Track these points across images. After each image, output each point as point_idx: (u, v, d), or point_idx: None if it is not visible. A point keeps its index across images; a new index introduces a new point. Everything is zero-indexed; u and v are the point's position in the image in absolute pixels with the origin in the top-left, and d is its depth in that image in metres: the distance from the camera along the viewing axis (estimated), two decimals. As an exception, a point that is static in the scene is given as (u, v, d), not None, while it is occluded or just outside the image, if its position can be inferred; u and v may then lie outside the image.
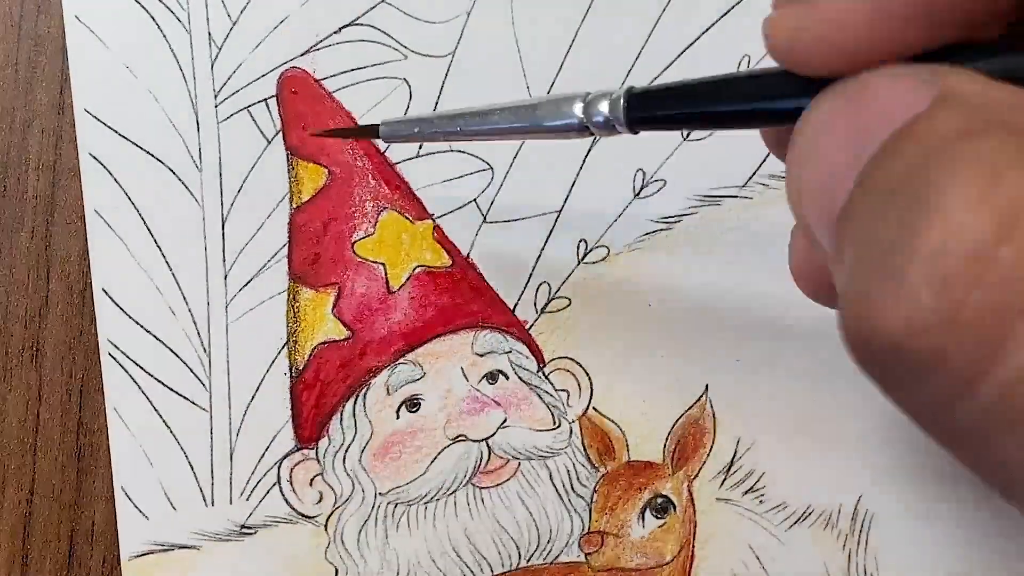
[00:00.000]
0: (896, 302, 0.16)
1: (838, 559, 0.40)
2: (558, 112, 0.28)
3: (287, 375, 0.39)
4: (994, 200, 0.15)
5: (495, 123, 0.30)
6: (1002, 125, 0.16)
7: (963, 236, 0.15)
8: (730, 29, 0.41)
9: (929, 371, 0.16)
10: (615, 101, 0.27)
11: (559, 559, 0.39)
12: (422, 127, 0.33)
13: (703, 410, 0.40)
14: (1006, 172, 0.15)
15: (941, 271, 0.15)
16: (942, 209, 0.15)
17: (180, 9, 0.39)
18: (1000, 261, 0.15)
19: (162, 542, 0.38)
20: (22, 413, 0.38)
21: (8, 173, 0.38)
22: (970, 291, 0.15)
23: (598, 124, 0.27)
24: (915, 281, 0.15)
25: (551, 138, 0.29)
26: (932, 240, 0.15)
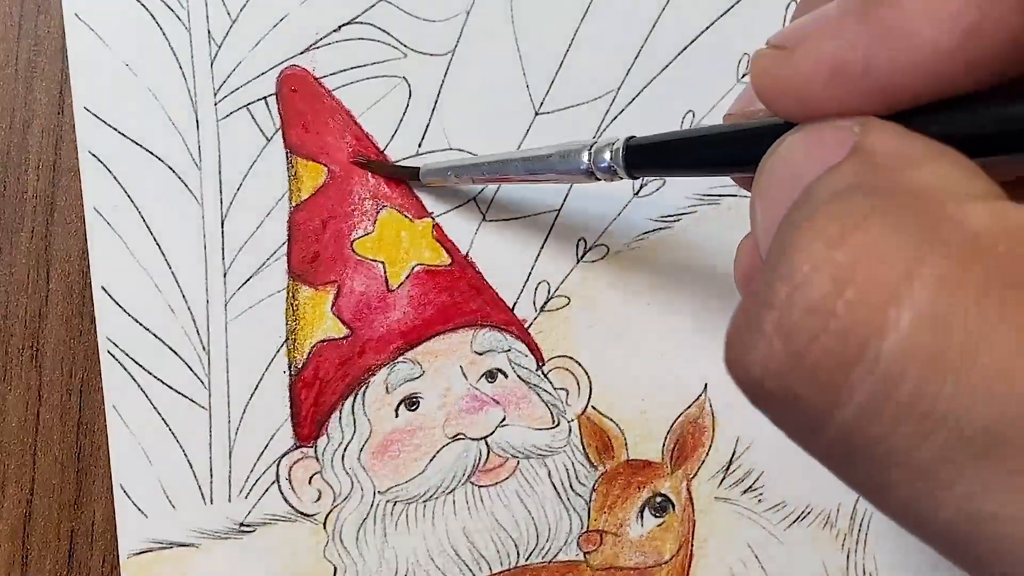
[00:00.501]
0: (755, 345, 0.18)
1: (837, 558, 0.40)
2: (567, 161, 0.33)
3: (286, 373, 0.39)
4: (832, 260, 0.17)
5: (513, 170, 0.35)
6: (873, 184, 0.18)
7: (805, 292, 0.17)
8: (730, 29, 0.40)
9: (786, 409, 0.18)
10: (615, 151, 0.31)
11: (558, 558, 0.39)
12: (455, 171, 0.37)
13: (702, 409, 0.40)
14: (851, 232, 0.17)
15: (787, 323, 0.17)
16: (791, 265, 0.17)
17: (180, 7, 0.39)
18: (836, 316, 0.17)
19: (161, 540, 0.38)
20: (22, 413, 0.38)
21: (8, 173, 0.38)
22: (811, 342, 0.17)
23: (602, 170, 0.31)
24: (768, 330, 0.18)
25: (561, 182, 0.34)
26: (780, 293, 0.17)
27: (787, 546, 0.40)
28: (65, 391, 0.38)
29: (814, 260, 0.17)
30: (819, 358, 0.17)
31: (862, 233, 0.17)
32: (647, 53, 0.40)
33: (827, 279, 0.17)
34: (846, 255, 0.17)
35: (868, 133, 0.19)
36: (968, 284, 0.16)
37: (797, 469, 0.40)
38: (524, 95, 0.40)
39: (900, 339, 0.16)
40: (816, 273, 0.17)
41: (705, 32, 0.40)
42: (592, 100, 0.40)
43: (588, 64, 0.40)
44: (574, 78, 0.40)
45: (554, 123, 0.40)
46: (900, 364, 0.16)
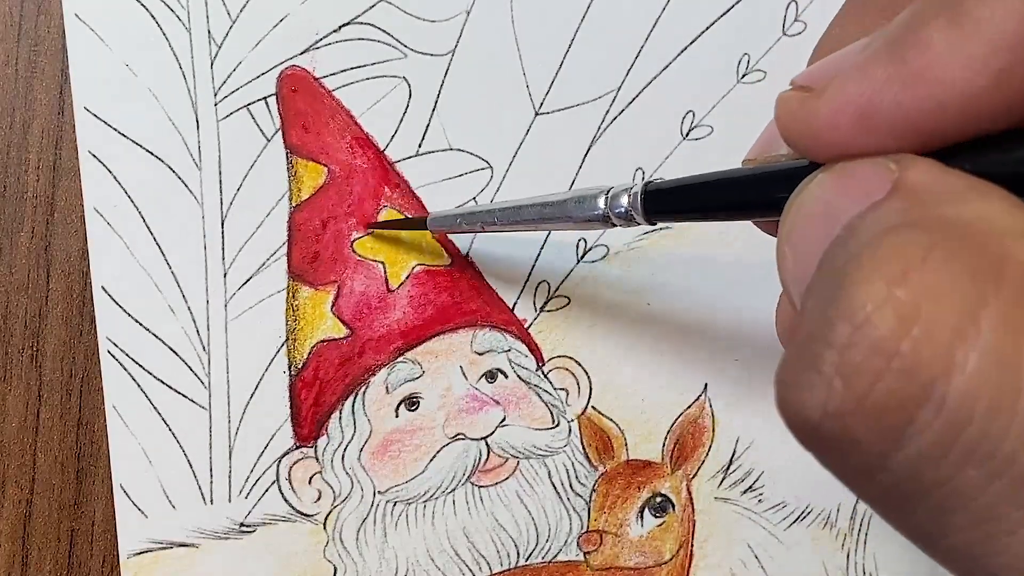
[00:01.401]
0: (813, 387, 0.17)
1: (837, 558, 0.40)
2: (583, 206, 0.31)
3: (286, 373, 0.39)
4: (896, 298, 0.17)
5: (527, 216, 0.34)
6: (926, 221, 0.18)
7: (867, 331, 0.17)
8: (730, 29, 0.40)
9: (844, 451, 0.18)
10: (634, 196, 0.30)
11: (558, 558, 0.39)
12: (465, 220, 0.36)
13: (702, 409, 0.40)
14: (913, 269, 0.17)
15: (849, 363, 0.17)
16: (852, 304, 0.17)
17: (180, 7, 0.39)
18: (901, 356, 0.16)
19: (161, 540, 0.38)
20: (22, 413, 0.38)
21: (8, 173, 0.38)
22: (874, 382, 0.17)
23: (619, 216, 0.30)
24: (828, 371, 0.17)
25: (576, 229, 0.33)
26: (841, 333, 0.17)
27: (787, 546, 0.40)
28: (65, 391, 0.38)
29: (877, 298, 0.17)
30: (882, 399, 0.17)
31: (924, 271, 0.17)
32: (647, 53, 0.40)
33: (891, 318, 0.17)
34: (910, 293, 0.16)
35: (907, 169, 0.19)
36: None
37: (797, 469, 0.40)
38: (524, 95, 0.40)
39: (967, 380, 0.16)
40: (879, 312, 0.17)
41: (705, 32, 0.40)
42: (592, 100, 0.40)
43: (588, 64, 0.40)
44: (574, 78, 0.40)
45: (554, 123, 0.40)
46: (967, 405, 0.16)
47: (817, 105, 0.21)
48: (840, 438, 0.17)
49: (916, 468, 0.17)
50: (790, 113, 0.21)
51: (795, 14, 0.41)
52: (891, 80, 0.19)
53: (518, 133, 0.40)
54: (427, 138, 0.40)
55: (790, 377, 0.18)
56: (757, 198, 0.25)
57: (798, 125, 0.21)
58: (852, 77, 0.20)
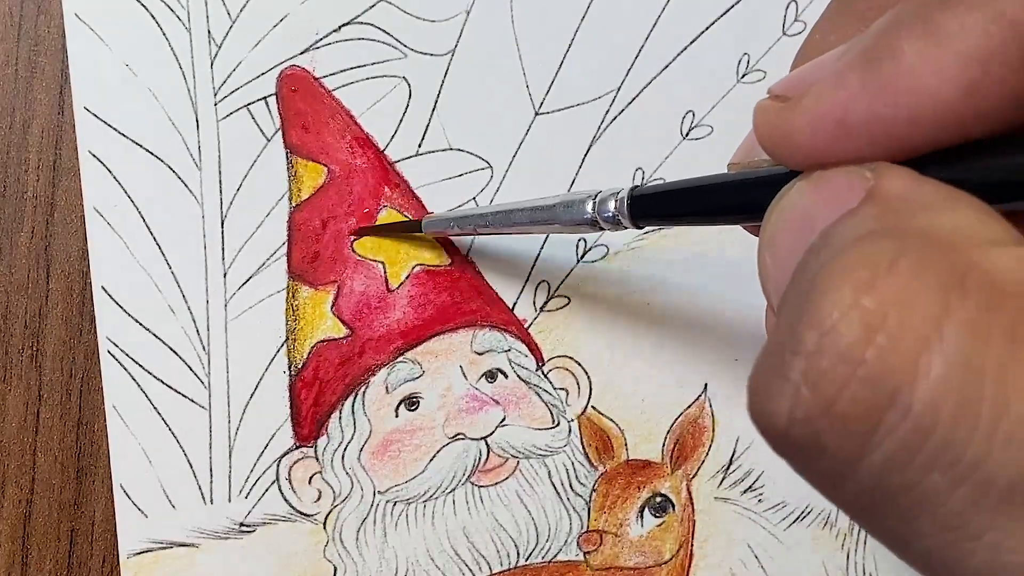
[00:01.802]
0: (781, 396, 0.18)
1: (837, 558, 0.40)
2: (571, 211, 0.32)
3: (286, 373, 0.39)
4: (862, 306, 0.17)
5: (517, 220, 0.34)
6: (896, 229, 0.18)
7: (834, 339, 0.17)
8: (730, 29, 0.40)
9: (812, 457, 0.18)
10: (620, 201, 0.30)
11: (557, 558, 0.39)
12: (457, 223, 0.37)
13: (702, 409, 0.40)
14: (880, 277, 0.17)
15: (816, 370, 0.17)
16: (819, 312, 0.17)
17: (180, 7, 0.39)
18: (866, 363, 0.17)
19: (161, 540, 0.38)
20: (22, 413, 0.38)
21: (8, 173, 0.38)
22: (841, 390, 0.17)
23: (607, 220, 0.31)
24: (795, 378, 0.17)
25: (565, 232, 0.33)
26: (808, 341, 0.17)
27: (787, 546, 0.40)
28: (65, 391, 0.38)
29: (843, 306, 0.17)
30: (848, 406, 0.17)
31: (891, 279, 0.17)
32: (647, 53, 0.40)
33: (857, 326, 0.17)
34: (876, 301, 0.17)
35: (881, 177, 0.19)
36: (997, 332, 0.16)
37: (797, 469, 0.40)
38: (524, 95, 0.40)
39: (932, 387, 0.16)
40: (845, 320, 0.17)
41: (705, 32, 0.40)
42: (592, 100, 0.40)
43: (588, 64, 0.40)
44: (574, 78, 0.40)
45: (554, 123, 0.40)
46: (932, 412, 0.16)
47: (793, 115, 0.21)
48: (808, 444, 0.18)
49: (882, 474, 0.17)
50: (768, 123, 0.22)
51: (795, 14, 0.41)
52: (865, 89, 0.19)
53: (518, 133, 0.40)
54: (427, 138, 0.40)
55: (759, 384, 0.18)
56: (739, 204, 0.25)
57: (775, 134, 0.21)
58: (828, 86, 0.20)
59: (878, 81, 0.19)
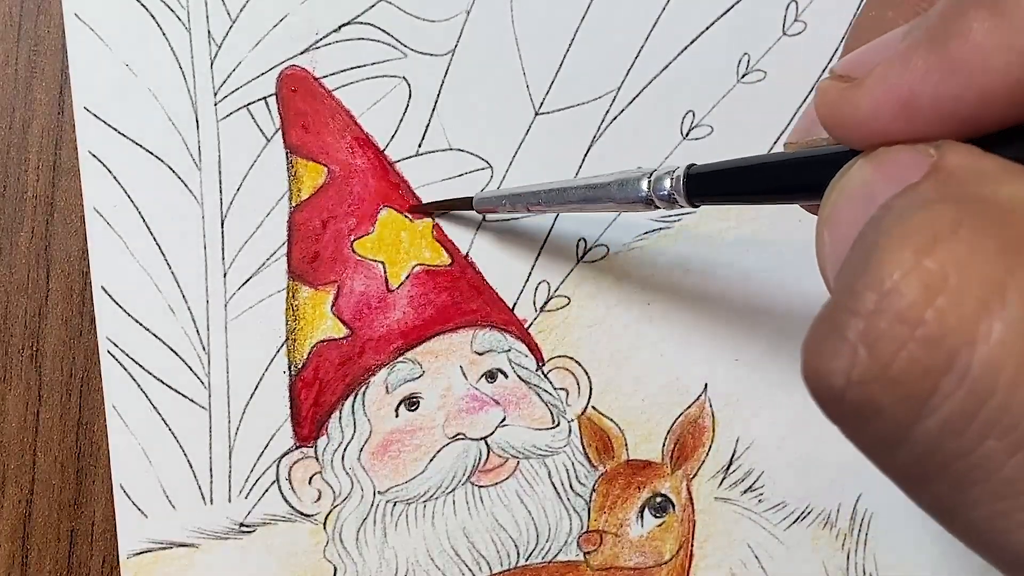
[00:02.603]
0: (838, 355, 0.17)
1: (837, 558, 0.40)
2: (626, 189, 0.32)
3: (286, 373, 0.39)
4: (923, 267, 0.17)
5: (570, 198, 0.34)
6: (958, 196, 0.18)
7: (893, 300, 0.17)
8: (730, 29, 0.40)
9: (867, 418, 0.18)
10: (676, 179, 0.30)
11: (557, 558, 0.39)
12: (509, 201, 0.37)
13: (702, 409, 0.40)
14: (939, 241, 0.17)
15: (874, 331, 0.17)
16: (879, 273, 0.17)
17: (180, 7, 0.39)
18: (925, 324, 0.16)
19: (161, 540, 0.38)
20: (22, 413, 0.38)
21: (8, 173, 0.38)
22: (899, 350, 0.17)
23: (662, 198, 0.31)
24: (853, 339, 0.17)
25: (619, 211, 0.33)
26: (867, 301, 0.17)
27: (787, 546, 0.40)
28: (65, 391, 0.38)
29: (904, 267, 0.17)
30: (906, 367, 0.17)
31: (952, 243, 0.17)
32: (647, 53, 0.40)
33: (918, 287, 0.17)
34: (937, 263, 0.17)
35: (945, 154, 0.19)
36: None
37: (797, 469, 0.40)
38: (524, 95, 0.40)
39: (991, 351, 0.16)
40: (906, 281, 0.17)
41: (705, 32, 0.40)
42: (592, 100, 0.40)
43: (588, 64, 0.40)
44: (574, 78, 0.40)
45: (554, 123, 0.40)
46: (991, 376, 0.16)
47: (857, 95, 0.21)
48: (863, 406, 0.17)
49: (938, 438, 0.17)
50: (830, 103, 0.21)
51: (795, 14, 0.41)
52: (931, 70, 0.19)
53: (518, 133, 0.40)
54: (427, 138, 0.40)
55: (816, 345, 0.18)
56: (798, 182, 0.25)
57: (838, 115, 0.21)
58: (893, 67, 0.20)
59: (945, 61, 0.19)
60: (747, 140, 0.40)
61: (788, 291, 0.40)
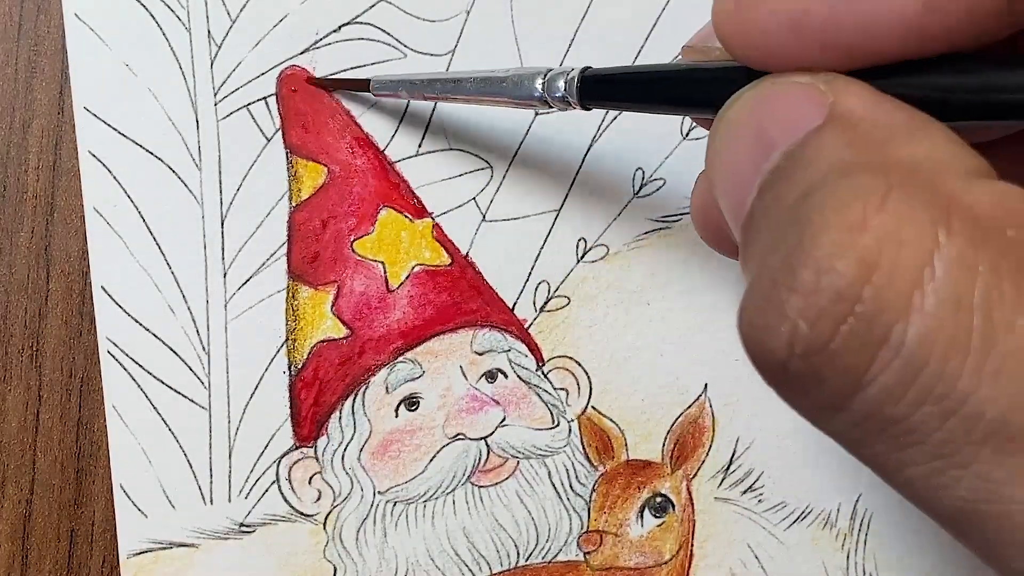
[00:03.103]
0: (779, 328, 0.18)
1: (837, 558, 0.40)
2: (521, 87, 0.32)
3: (286, 373, 0.39)
4: (859, 244, 0.17)
5: (466, 90, 0.34)
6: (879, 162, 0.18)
7: (832, 278, 0.17)
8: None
9: (808, 387, 0.18)
10: (570, 81, 0.30)
11: (557, 558, 0.39)
12: (406, 88, 0.37)
13: (702, 409, 0.40)
14: (873, 215, 0.17)
15: (814, 308, 0.17)
16: (816, 249, 0.17)
17: (180, 7, 0.39)
18: (863, 300, 0.17)
19: (161, 540, 0.38)
20: (22, 413, 0.38)
21: (8, 173, 0.38)
22: (838, 325, 0.17)
23: (556, 99, 0.31)
24: (793, 315, 0.18)
25: (513, 107, 0.33)
26: (806, 279, 0.18)
27: (787, 546, 0.40)
28: (65, 391, 0.38)
29: (839, 245, 0.17)
30: (846, 341, 0.17)
31: (883, 215, 0.17)
32: (647, 53, 0.40)
33: (854, 265, 0.17)
34: (870, 239, 0.17)
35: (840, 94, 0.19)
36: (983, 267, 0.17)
37: (797, 469, 0.40)
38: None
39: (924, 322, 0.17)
40: (842, 259, 0.17)
41: (705, 32, 0.40)
42: (592, 100, 0.40)
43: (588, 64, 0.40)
44: (574, 78, 0.40)
45: (554, 123, 0.40)
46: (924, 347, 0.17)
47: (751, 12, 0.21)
48: (805, 378, 0.18)
49: (876, 406, 0.17)
50: (725, 13, 0.22)
51: (795, 14, 0.41)
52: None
53: (518, 133, 0.40)
54: (427, 138, 0.40)
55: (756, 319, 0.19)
56: (690, 96, 0.25)
57: (732, 28, 0.22)
58: None
59: None
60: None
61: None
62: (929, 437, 0.17)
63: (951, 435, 0.17)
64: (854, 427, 0.18)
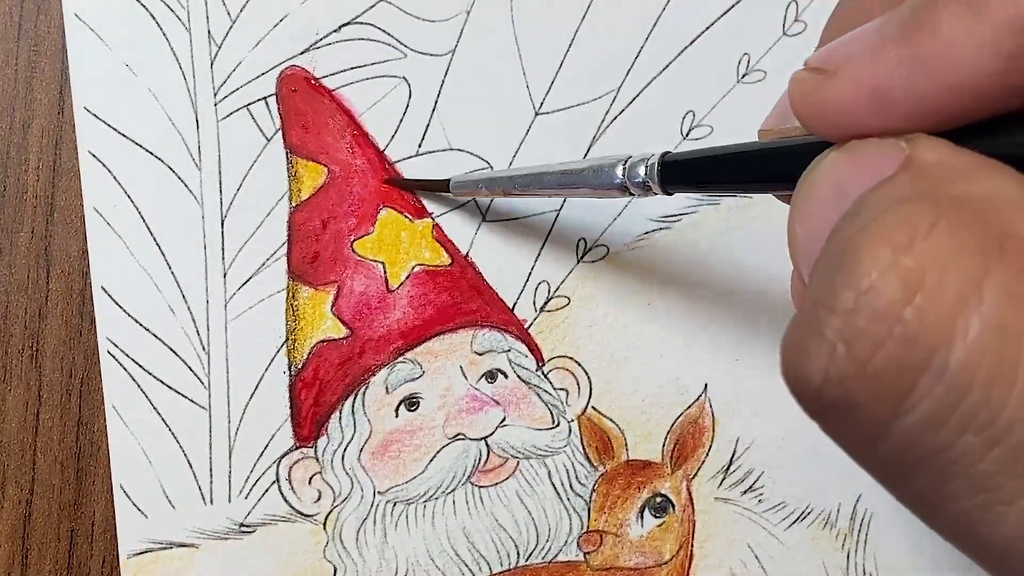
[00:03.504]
0: (816, 353, 0.18)
1: (837, 559, 0.40)
2: (601, 175, 0.32)
3: (286, 373, 0.39)
4: (902, 265, 0.17)
5: (546, 183, 0.35)
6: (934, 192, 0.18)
7: (872, 298, 0.17)
8: (730, 29, 0.40)
9: (844, 416, 0.18)
10: (650, 167, 0.30)
11: (558, 558, 0.39)
12: (486, 184, 0.37)
13: (702, 409, 0.40)
14: (917, 239, 0.17)
15: (852, 329, 0.17)
16: (856, 270, 0.17)
17: (180, 7, 0.39)
18: (904, 322, 0.16)
19: (161, 540, 0.38)
20: (22, 413, 0.38)
21: (8, 173, 0.38)
22: (877, 348, 0.17)
23: (637, 185, 0.31)
24: (831, 336, 0.17)
25: (594, 196, 0.33)
26: (846, 299, 0.17)
27: (787, 546, 0.40)
28: (65, 391, 0.38)
29: (882, 265, 0.17)
30: (884, 365, 0.17)
31: (930, 240, 0.17)
32: (647, 53, 0.40)
33: (896, 285, 0.17)
34: (915, 261, 0.17)
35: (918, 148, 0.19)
36: None
37: (797, 469, 0.40)
38: (524, 95, 0.40)
39: (968, 348, 0.16)
40: (884, 278, 0.17)
41: (705, 32, 0.40)
42: (592, 100, 0.40)
43: (588, 64, 0.40)
44: (574, 78, 0.40)
45: (554, 123, 0.40)
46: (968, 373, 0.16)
47: (830, 87, 0.21)
48: (842, 404, 0.17)
49: (916, 435, 0.17)
50: (803, 94, 0.22)
51: (795, 14, 0.41)
52: (903, 63, 0.19)
53: (518, 133, 0.40)
54: (427, 138, 0.40)
55: (793, 342, 0.18)
56: (771, 172, 0.25)
57: (811, 106, 0.21)
58: (865, 59, 0.20)
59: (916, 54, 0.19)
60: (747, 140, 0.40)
61: (788, 291, 0.40)
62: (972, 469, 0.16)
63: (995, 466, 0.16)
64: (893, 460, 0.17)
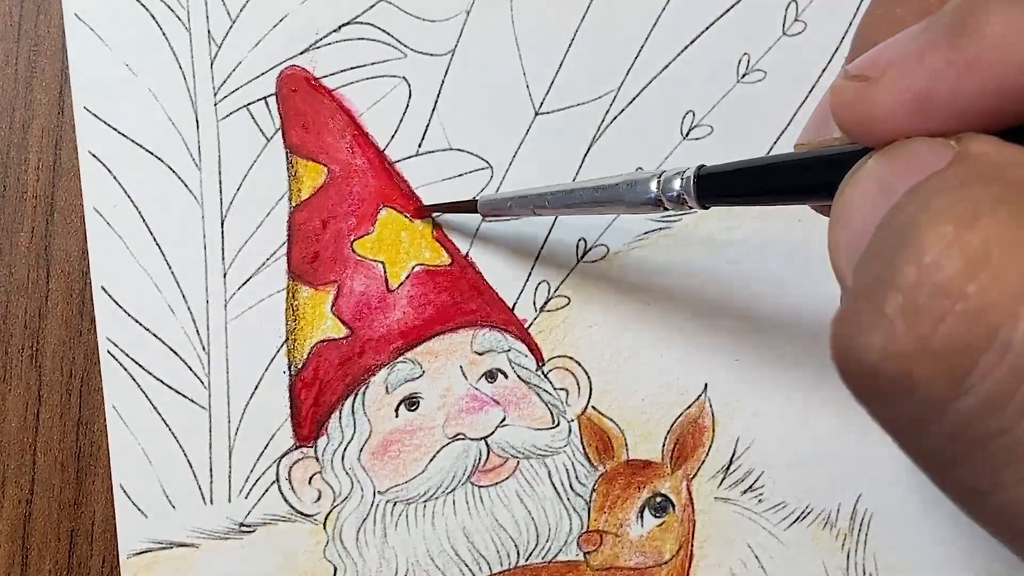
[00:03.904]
0: (874, 329, 0.17)
1: (837, 558, 0.40)
2: (635, 190, 0.31)
3: (286, 373, 0.39)
4: (966, 241, 0.16)
5: (578, 199, 0.34)
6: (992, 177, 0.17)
7: (934, 273, 0.16)
8: (730, 29, 0.40)
9: (901, 394, 0.17)
10: (686, 180, 0.30)
11: (558, 558, 0.39)
12: (515, 203, 0.36)
13: (702, 409, 0.40)
14: (981, 217, 0.16)
15: (913, 304, 0.17)
16: (919, 247, 0.17)
17: (180, 7, 0.39)
18: (967, 298, 0.16)
19: (161, 540, 0.38)
20: (22, 413, 0.38)
21: (8, 173, 0.38)
22: (938, 324, 0.16)
23: (671, 199, 0.30)
24: (891, 311, 0.17)
25: (627, 212, 0.33)
26: (908, 275, 0.17)
27: (787, 546, 0.40)
28: (65, 391, 0.38)
29: (945, 240, 0.16)
30: (946, 341, 0.16)
31: (994, 218, 0.16)
32: (647, 53, 0.40)
33: (959, 260, 0.16)
34: (979, 237, 0.16)
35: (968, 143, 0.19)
36: None
37: (797, 469, 0.40)
38: (524, 95, 0.40)
39: None
40: (947, 253, 0.16)
41: (705, 32, 0.40)
42: (592, 100, 0.40)
43: (588, 64, 0.40)
44: (574, 78, 0.40)
45: (554, 123, 0.40)
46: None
47: (873, 94, 0.20)
48: (900, 381, 0.17)
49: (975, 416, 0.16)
50: (846, 103, 0.21)
51: (795, 14, 0.41)
52: (949, 67, 0.19)
53: (518, 133, 0.40)
54: (427, 138, 0.40)
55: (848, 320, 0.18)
56: (811, 182, 0.25)
57: (855, 114, 0.21)
58: (909, 64, 0.20)
59: (962, 57, 0.19)
60: (747, 140, 0.40)
61: (788, 291, 0.40)
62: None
63: None
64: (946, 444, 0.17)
